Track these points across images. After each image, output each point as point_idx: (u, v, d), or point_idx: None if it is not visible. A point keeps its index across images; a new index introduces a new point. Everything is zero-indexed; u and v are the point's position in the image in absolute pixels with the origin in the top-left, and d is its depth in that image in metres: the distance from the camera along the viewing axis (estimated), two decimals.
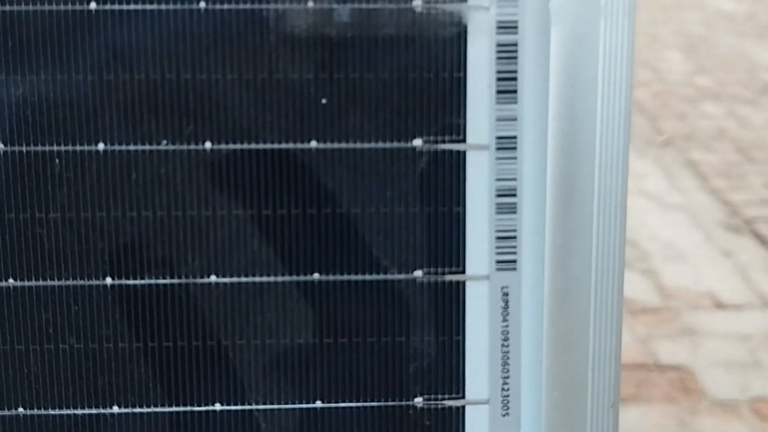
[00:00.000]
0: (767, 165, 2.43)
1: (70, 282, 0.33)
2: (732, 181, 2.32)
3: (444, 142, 0.32)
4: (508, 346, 0.34)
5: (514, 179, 0.33)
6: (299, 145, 0.32)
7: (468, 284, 0.33)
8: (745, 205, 2.19)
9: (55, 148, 0.32)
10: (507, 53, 0.32)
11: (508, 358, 0.34)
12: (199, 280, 0.33)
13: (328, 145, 0.32)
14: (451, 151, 0.32)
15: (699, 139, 2.60)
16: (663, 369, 1.57)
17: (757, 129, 2.69)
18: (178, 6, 0.31)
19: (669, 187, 2.31)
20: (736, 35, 3.62)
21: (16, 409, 0.33)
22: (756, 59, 3.31)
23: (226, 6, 0.31)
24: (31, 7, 0.31)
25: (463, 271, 0.33)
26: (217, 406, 0.34)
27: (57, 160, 0.32)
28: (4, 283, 0.32)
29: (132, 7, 0.31)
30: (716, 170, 2.39)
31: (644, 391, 1.51)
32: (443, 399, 0.34)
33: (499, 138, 0.32)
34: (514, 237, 0.33)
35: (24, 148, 0.32)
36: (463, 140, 0.32)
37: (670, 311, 1.74)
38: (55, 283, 0.33)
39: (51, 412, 0.33)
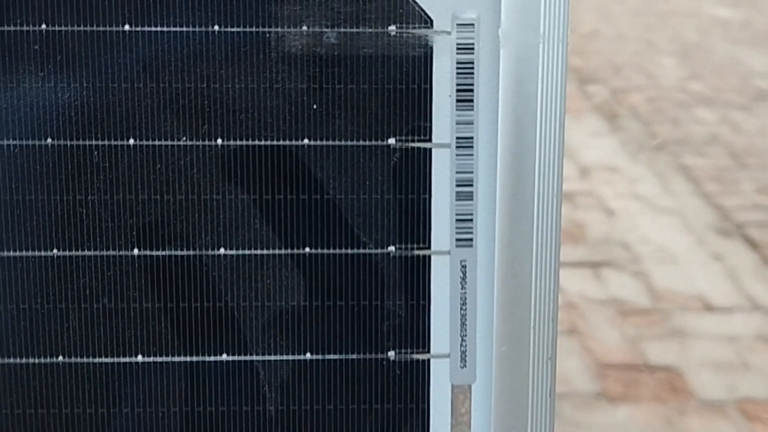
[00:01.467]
0: (759, 171, 2.38)
1: (104, 252, 0.37)
2: (724, 185, 2.28)
3: (413, 141, 0.37)
4: (465, 309, 0.38)
5: (471, 172, 0.37)
6: (294, 143, 0.37)
7: (433, 258, 0.38)
8: (736, 209, 2.15)
9: (94, 142, 0.36)
10: (465, 70, 0.37)
11: (465, 319, 0.38)
12: (210, 252, 0.37)
13: (318, 143, 0.37)
14: (419, 149, 0.37)
15: (692, 144, 2.54)
16: (652, 369, 1.55)
17: (749, 135, 2.62)
18: (197, 29, 0.36)
19: (661, 190, 2.27)
20: (730, 42, 3.52)
21: (56, 357, 0.38)
22: (749, 66, 3.23)
23: (236, 29, 0.36)
24: (76, 28, 0.36)
25: (429, 247, 0.38)
26: (224, 357, 0.38)
27: (96, 152, 0.37)
28: (49, 253, 0.37)
29: (159, 29, 0.36)
30: (708, 175, 2.34)
31: (633, 390, 1.50)
32: (411, 353, 0.38)
33: (458, 138, 0.37)
34: (471, 220, 0.38)
35: (68, 142, 0.36)
36: (429, 140, 0.37)
37: (660, 313, 1.72)
38: (92, 253, 0.37)
39: (86, 360, 0.38)
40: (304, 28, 0.36)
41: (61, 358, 0.38)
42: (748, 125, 2.72)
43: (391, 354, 0.38)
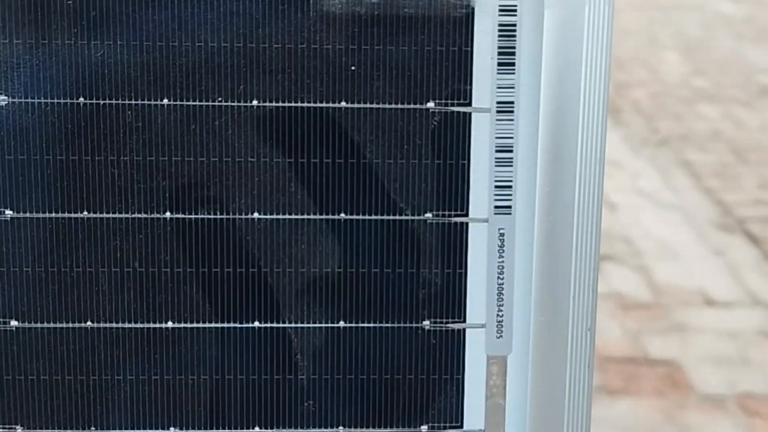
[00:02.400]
0: (761, 166, 2.40)
1: (135, 215, 0.36)
2: (725, 181, 2.30)
3: (453, 105, 0.37)
4: (502, 278, 0.37)
5: (511, 138, 0.37)
6: (331, 105, 0.36)
7: (470, 225, 0.37)
8: (737, 205, 2.17)
9: (127, 102, 0.36)
10: (507, 32, 0.36)
11: (502, 288, 0.37)
12: (244, 216, 0.37)
13: (356, 105, 0.36)
14: (458, 113, 0.37)
15: (694, 139, 2.56)
16: (653, 363, 1.56)
17: (751, 131, 2.65)
18: None
19: (663, 186, 2.29)
20: (733, 37, 3.53)
21: (85, 322, 0.37)
22: (753, 62, 3.25)
23: None
24: None
25: (467, 215, 0.37)
26: (256, 324, 0.37)
27: (129, 112, 0.36)
28: (79, 215, 0.36)
29: None
30: (710, 170, 2.36)
31: (634, 384, 1.51)
32: (447, 322, 0.38)
33: (499, 102, 0.37)
34: (510, 186, 0.37)
35: (101, 102, 0.36)
36: (469, 104, 0.37)
37: (661, 307, 1.73)
38: (123, 215, 0.36)
39: (115, 325, 0.37)
40: None
41: (89, 323, 0.37)
42: (751, 121, 2.74)
43: (426, 323, 0.38)
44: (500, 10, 0.36)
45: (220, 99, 0.36)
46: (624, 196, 2.23)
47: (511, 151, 0.37)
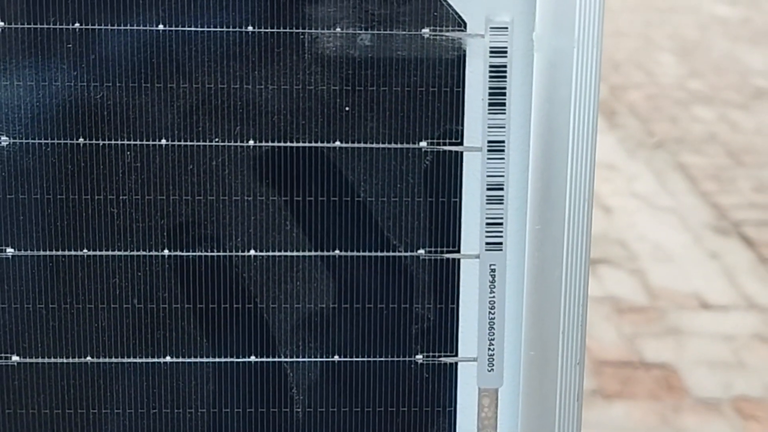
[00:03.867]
0: (756, 169, 2.39)
1: (134, 252, 0.37)
2: (721, 184, 2.28)
3: (445, 144, 0.37)
4: (494, 313, 0.38)
5: (502, 176, 0.37)
6: (326, 144, 0.37)
7: (462, 262, 0.38)
8: (733, 208, 2.15)
9: (126, 142, 0.36)
10: (498, 73, 0.37)
11: (494, 323, 0.38)
12: (240, 254, 0.37)
13: (350, 145, 0.37)
14: (450, 152, 0.37)
15: (690, 142, 2.54)
16: (648, 367, 1.56)
17: (747, 133, 2.63)
18: (231, 29, 0.36)
19: (659, 189, 2.27)
20: (729, 40, 3.51)
21: (84, 357, 0.38)
22: (748, 64, 3.23)
23: (269, 30, 0.36)
24: (110, 27, 0.36)
25: (458, 251, 0.38)
26: (252, 358, 0.38)
27: (128, 152, 0.37)
28: (79, 253, 0.37)
29: (193, 28, 0.36)
30: (706, 173, 2.35)
31: (629, 388, 1.50)
32: (440, 356, 0.38)
33: (490, 142, 0.37)
34: (501, 223, 0.38)
35: (101, 142, 0.36)
36: (461, 143, 0.37)
37: (657, 311, 1.72)
38: (122, 253, 0.37)
39: (114, 360, 0.38)
40: (338, 29, 0.36)
41: (89, 358, 0.38)
42: (747, 124, 2.72)
43: (419, 357, 0.39)
44: (491, 52, 0.37)
45: (216, 139, 0.37)
46: (619, 199, 2.23)
47: (501, 189, 0.38)
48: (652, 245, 1.99)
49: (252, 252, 0.37)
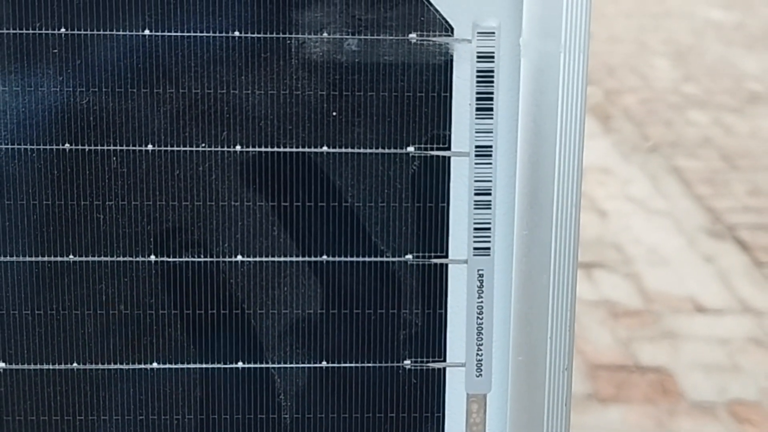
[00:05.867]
0: (751, 173, 2.39)
1: (121, 258, 0.37)
2: (716, 188, 2.29)
3: (432, 149, 0.37)
4: (482, 318, 0.38)
5: (490, 181, 0.37)
6: (313, 150, 0.37)
7: (450, 267, 0.38)
8: (727, 211, 2.16)
9: (112, 147, 0.36)
10: (485, 78, 0.37)
11: (482, 328, 0.38)
12: (227, 259, 0.37)
13: (337, 150, 0.37)
14: (438, 157, 0.37)
15: (684, 146, 2.54)
16: (643, 370, 1.55)
17: (741, 137, 2.63)
18: (217, 34, 0.36)
19: (653, 192, 2.27)
20: (723, 44, 3.52)
21: (71, 363, 0.37)
22: (743, 68, 3.24)
23: (256, 35, 0.36)
24: (96, 32, 0.36)
25: (446, 256, 0.38)
26: (240, 364, 0.38)
27: (114, 158, 0.36)
28: (65, 259, 0.37)
29: (179, 34, 0.36)
30: (700, 177, 2.35)
31: (624, 391, 1.50)
32: (428, 362, 0.38)
33: (477, 147, 0.37)
34: (489, 228, 0.38)
35: (87, 147, 0.36)
36: (448, 148, 0.37)
37: (652, 314, 1.72)
38: (109, 258, 0.37)
39: (101, 366, 0.37)
40: (325, 34, 0.36)
41: (75, 364, 0.38)
42: (741, 127, 2.73)
43: (407, 363, 0.38)
44: (478, 57, 0.37)
45: (203, 145, 0.37)
46: (614, 203, 2.23)
47: (489, 194, 0.38)
48: (647, 249, 1.99)
49: (239, 258, 0.37)
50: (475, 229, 0.38)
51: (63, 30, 0.36)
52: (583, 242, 2.03)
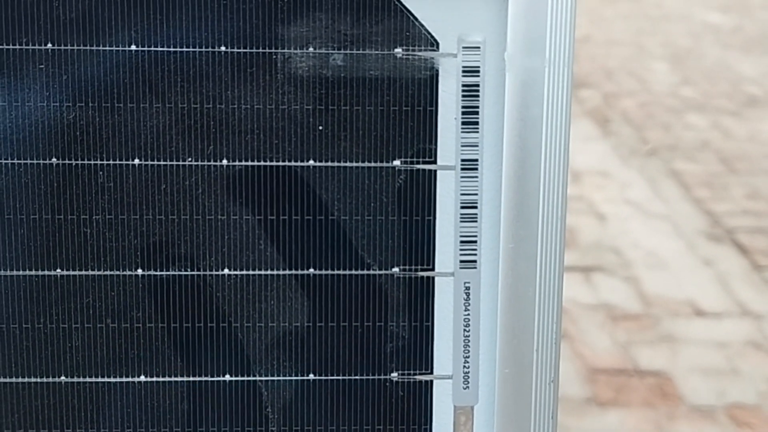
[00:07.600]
0: (749, 176, 2.38)
1: (107, 272, 0.37)
2: (714, 191, 2.29)
3: (418, 163, 0.37)
4: (468, 331, 0.38)
5: (476, 194, 0.38)
6: (300, 163, 0.37)
7: (436, 280, 0.38)
8: (726, 215, 2.15)
9: (99, 162, 0.36)
10: (470, 92, 0.37)
11: (468, 341, 0.38)
12: (214, 273, 0.37)
13: (323, 164, 0.37)
14: (424, 171, 0.37)
15: (683, 149, 2.54)
16: (642, 374, 1.55)
17: (739, 141, 2.63)
18: (204, 49, 0.36)
19: (652, 196, 2.27)
20: (721, 47, 3.52)
21: (59, 377, 0.38)
22: (741, 72, 3.23)
23: (242, 50, 0.36)
24: (82, 47, 0.36)
25: (433, 269, 0.38)
26: (227, 377, 0.38)
27: (100, 172, 0.37)
28: (53, 272, 0.37)
29: (165, 49, 0.36)
30: (699, 180, 2.35)
31: (623, 395, 1.50)
32: (415, 374, 0.38)
33: (463, 160, 0.37)
34: (475, 241, 0.38)
35: (74, 162, 0.36)
36: (434, 162, 0.37)
37: (651, 318, 1.72)
38: (96, 272, 0.37)
39: (88, 379, 0.38)
40: (311, 49, 0.36)
41: (63, 377, 0.38)
42: (739, 131, 2.72)
43: (394, 375, 0.39)
44: (464, 72, 0.37)
45: (190, 159, 0.37)
46: (613, 207, 2.23)
47: (475, 207, 0.38)
48: (646, 252, 1.99)
49: (226, 271, 0.37)
50: (462, 242, 0.38)
51: (49, 45, 0.36)
52: (581, 246, 2.04)
